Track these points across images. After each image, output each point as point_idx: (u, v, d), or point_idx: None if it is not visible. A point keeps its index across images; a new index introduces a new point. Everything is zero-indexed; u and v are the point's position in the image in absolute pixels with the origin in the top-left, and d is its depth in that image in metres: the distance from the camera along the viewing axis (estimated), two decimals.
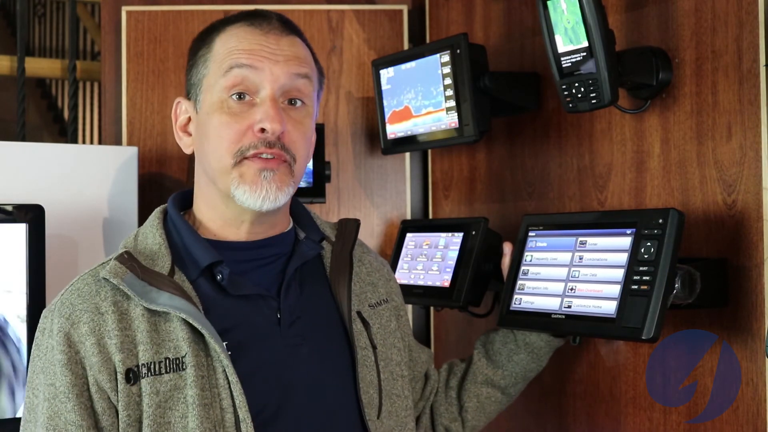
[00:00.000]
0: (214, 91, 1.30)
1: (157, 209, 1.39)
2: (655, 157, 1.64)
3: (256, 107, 1.29)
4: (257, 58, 1.29)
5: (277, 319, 1.32)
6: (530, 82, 1.94)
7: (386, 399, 1.38)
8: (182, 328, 1.24)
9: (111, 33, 2.48)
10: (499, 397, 1.63)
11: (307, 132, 1.34)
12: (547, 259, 1.59)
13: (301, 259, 1.37)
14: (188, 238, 1.32)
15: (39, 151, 2.01)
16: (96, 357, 1.21)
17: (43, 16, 7.01)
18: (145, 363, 1.22)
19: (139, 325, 1.23)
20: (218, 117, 1.29)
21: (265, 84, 1.29)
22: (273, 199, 1.28)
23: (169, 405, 1.21)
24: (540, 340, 1.60)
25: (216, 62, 1.31)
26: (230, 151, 1.28)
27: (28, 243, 1.68)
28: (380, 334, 1.43)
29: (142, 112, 2.42)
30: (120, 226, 2.04)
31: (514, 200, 2.02)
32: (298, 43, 1.34)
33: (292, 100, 1.32)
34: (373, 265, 1.51)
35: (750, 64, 1.47)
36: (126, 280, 1.25)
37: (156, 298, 1.24)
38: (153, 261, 1.30)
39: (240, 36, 1.31)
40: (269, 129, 1.27)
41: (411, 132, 2.04)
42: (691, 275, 1.43)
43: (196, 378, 1.22)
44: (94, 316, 1.23)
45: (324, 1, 2.47)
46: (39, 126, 6.54)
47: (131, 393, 1.21)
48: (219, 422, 1.21)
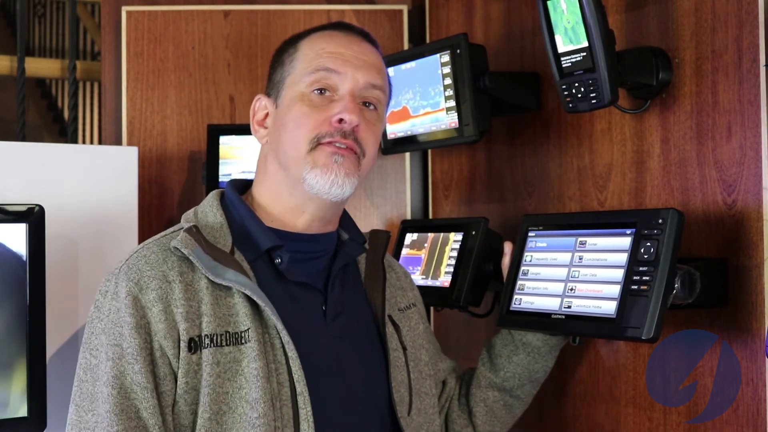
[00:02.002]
0: (298, 86, 1.39)
1: (213, 192, 1.45)
2: (655, 157, 1.64)
3: (335, 102, 1.37)
4: (341, 62, 1.38)
5: (323, 311, 1.40)
6: (530, 82, 1.94)
7: (416, 397, 1.46)
8: (244, 304, 1.30)
9: (111, 33, 2.48)
10: (508, 401, 1.63)
11: (378, 134, 1.43)
12: (546, 259, 1.59)
13: (346, 257, 1.45)
14: (249, 221, 1.39)
15: (39, 151, 2.01)
16: (162, 324, 1.26)
17: (43, 16, 7.01)
18: (208, 334, 1.27)
19: (204, 296, 1.29)
20: (299, 108, 1.38)
21: (345, 84, 1.38)
22: (341, 183, 1.36)
23: (228, 376, 1.27)
24: (537, 340, 1.60)
25: (302, 62, 1.40)
26: (307, 138, 1.36)
27: (28, 243, 1.68)
28: (409, 336, 1.51)
29: (142, 112, 2.42)
30: (120, 226, 2.04)
31: (514, 200, 2.02)
32: (377, 54, 1.45)
33: (367, 103, 1.41)
34: (400, 272, 1.61)
35: (750, 64, 1.47)
36: (195, 252, 1.30)
37: (222, 273, 1.29)
38: (215, 238, 1.36)
39: (327, 39, 1.42)
40: (347, 119, 1.35)
41: (411, 132, 2.04)
42: (691, 275, 1.43)
43: (259, 352, 1.28)
44: (162, 284, 1.28)
45: (324, 1, 2.47)
46: (39, 126, 6.54)
47: (191, 361, 1.26)
48: (276, 395, 1.28)
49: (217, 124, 2.35)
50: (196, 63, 2.44)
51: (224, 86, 2.45)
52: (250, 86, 2.45)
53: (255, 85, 2.44)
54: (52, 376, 1.72)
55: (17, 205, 1.70)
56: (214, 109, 2.44)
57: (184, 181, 2.42)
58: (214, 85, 2.44)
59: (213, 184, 2.26)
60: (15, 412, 1.67)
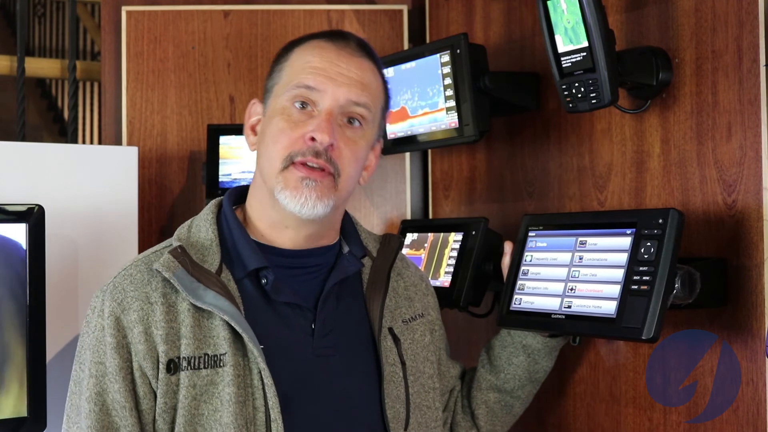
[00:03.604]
0: (281, 99, 1.38)
1: (212, 201, 1.45)
2: (655, 157, 1.64)
3: (313, 118, 1.36)
4: (322, 78, 1.36)
5: (311, 329, 1.38)
6: (530, 82, 1.94)
7: (415, 411, 1.44)
8: (224, 327, 1.30)
9: (111, 33, 2.48)
10: (508, 401, 1.63)
11: (359, 152, 1.39)
12: (547, 259, 1.59)
13: (341, 273, 1.43)
14: (239, 239, 1.39)
15: (39, 151, 2.01)
16: (142, 345, 1.29)
17: (43, 16, 7.00)
18: (186, 356, 1.29)
19: (185, 319, 1.30)
20: (277, 122, 1.37)
21: (325, 101, 1.36)
22: (312, 206, 1.34)
23: (203, 398, 1.29)
24: (536, 342, 1.60)
25: (288, 74, 1.40)
26: (281, 156, 1.35)
27: (28, 243, 1.68)
28: (411, 350, 1.48)
29: (142, 112, 2.42)
30: (120, 226, 2.04)
31: (514, 200, 2.02)
32: (368, 68, 1.41)
33: (351, 120, 1.39)
34: (412, 279, 1.57)
35: (750, 64, 1.47)
36: (177, 275, 1.31)
37: (203, 296, 1.30)
38: (203, 256, 1.36)
39: (315, 51, 1.39)
40: (318, 138, 1.33)
41: (411, 132, 2.04)
42: (691, 275, 1.43)
43: (233, 377, 1.29)
44: (144, 305, 1.31)
45: (324, 1, 2.47)
46: (39, 126, 6.53)
47: (170, 382, 1.28)
48: (251, 420, 1.28)
49: (217, 124, 2.35)
50: (196, 63, 2.44)
51: (224, 86, 2.45)
52: (250, 86, 2.45)
53: (255, 85, 2.44)
54: (52, 377, 1.72)
55: (17, 205, 1.70)
56: (214, 109, 2.44)
57: (184, 181, 2.42)
58: (214, 85, 2.44)
59: (213, 184, 2.26)
60: (15, 412, 1.67)
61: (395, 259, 1.49)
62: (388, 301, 1.47)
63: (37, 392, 1.67)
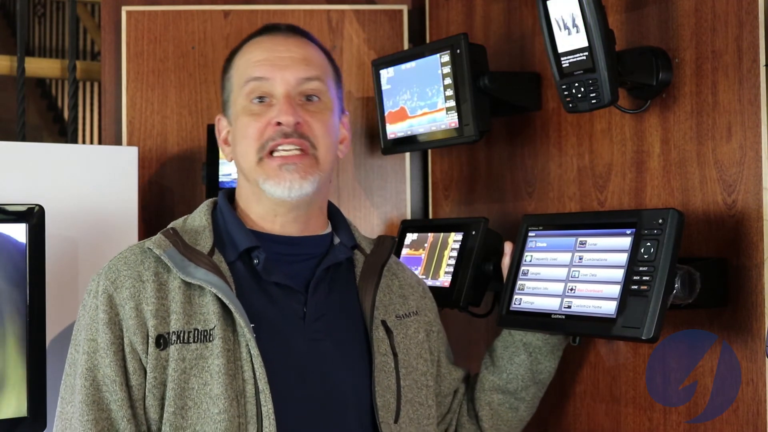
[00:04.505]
0: (239, 101, 1.45)
1: (208, 200, 1.52)
2: (655, 157, 1.64)
3: (273, 106, 1.42)
4: (267, 67, 1.43)
5: (303, 313, 1.41)
6: (530, 82, 1.94)
7: (407, 405, 1.45)
8: (214, 303, 1.34)
9: (111, 33, 2.48)
10: (513, 403, 1.63)
11: (327, 121, 1.45)
12: (546, 259, 1.59)
13: (332, 260, 1.47)
14: (231, 224, 1.44)
15: (39, 151, 2.01)
16: (133, 320, 1.33)
17: (43, 16, 7.00)
18: (176, 331, 1.32)
19: (175, 296, 1.35)
20: (242, 120, 1.44)
21: (278, 87, 1.43)
22: (299, 187, 1.40)
23: (193, 372, 1.32)
24: (537, 340, 1.60)
25: (236, 77, 1.47)
26: (254, 148, 1.42)
27: (28, 243, 1.68)
28: (404, 343, 1.49)
29: (142, 112, 2.42)
30: (120, 226, 2.04)
31: (514, 200, 2.02)
32: (306, 44, 1.48)
33: (309, 97, 1.45)
34: (408, 281, 1.60)
35: (750, 64, 1.47)
36: (168, 253, 1.36)
37: (193, 273, 1.34)
38: (196, 240, 1.41)
39: (253, 48, 1.47)
40: (284, 121, 1.40)
41: (411, 132, 2.04)
42: (691, 275, 1.43)
43: (222, 350, 1.32)
44: (136, 283, 1.35)
45: (324, 1, 2.47)
46: (39, 126, 6.53)
47: (160, 357, 1.32)
48: (240, 392, 1.31)
49: None
50: (196, 63, 2.44)
51: None
52: None
53: None
54: (52, 376, 1.72)
55: (17, 205, 1.70)
56: (214, 109, 2.43)
57: (184, 181, 2.42)
58: (214, 85, 2.43)
59: (213, 184, 2.26)
60: (15, 412, 1.67)
61: (389, 255, 1.53)
62: (383, 296, 1.50)
63: (37, 392, 1.67)
